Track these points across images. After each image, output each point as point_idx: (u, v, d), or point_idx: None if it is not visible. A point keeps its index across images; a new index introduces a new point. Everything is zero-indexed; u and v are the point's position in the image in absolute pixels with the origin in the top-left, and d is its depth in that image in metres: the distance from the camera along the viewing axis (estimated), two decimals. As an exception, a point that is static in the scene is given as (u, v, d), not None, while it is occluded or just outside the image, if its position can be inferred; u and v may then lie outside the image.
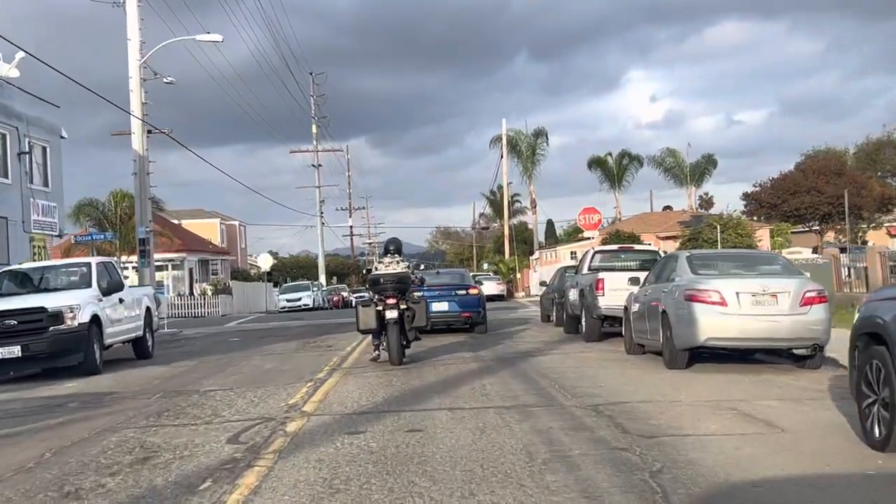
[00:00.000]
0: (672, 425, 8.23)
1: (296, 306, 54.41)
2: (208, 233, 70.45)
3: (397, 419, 9.07)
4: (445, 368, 13.93)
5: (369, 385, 12.13)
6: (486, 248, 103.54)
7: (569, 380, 11.81)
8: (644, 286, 14.69)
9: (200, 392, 12.38)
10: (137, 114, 32.22)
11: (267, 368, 15.49)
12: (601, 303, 17.40)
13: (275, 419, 9.49)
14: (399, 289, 14.41)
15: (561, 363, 14.16)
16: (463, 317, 21.49)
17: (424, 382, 12.22)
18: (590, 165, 76.87)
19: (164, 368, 16.59)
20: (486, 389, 11.16)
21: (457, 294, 21.76)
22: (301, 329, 28.91)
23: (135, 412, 10.71)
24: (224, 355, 19.06)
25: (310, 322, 33.82)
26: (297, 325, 31.87)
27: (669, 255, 14.41)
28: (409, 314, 14.35)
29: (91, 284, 16.95)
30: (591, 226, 33.10)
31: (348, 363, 15.49)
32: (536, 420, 8.74)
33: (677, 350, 12.51)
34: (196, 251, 60.81)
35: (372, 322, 14.36)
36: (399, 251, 15.06)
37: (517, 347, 17.60)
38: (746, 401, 9.61)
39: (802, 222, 43.69)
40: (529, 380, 12.07)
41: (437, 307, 19.80)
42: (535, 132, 75.01)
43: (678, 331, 12.38)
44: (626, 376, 12.23)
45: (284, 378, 13.55)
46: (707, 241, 55.97)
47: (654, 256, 19.45)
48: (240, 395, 11.80)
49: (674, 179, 75.28)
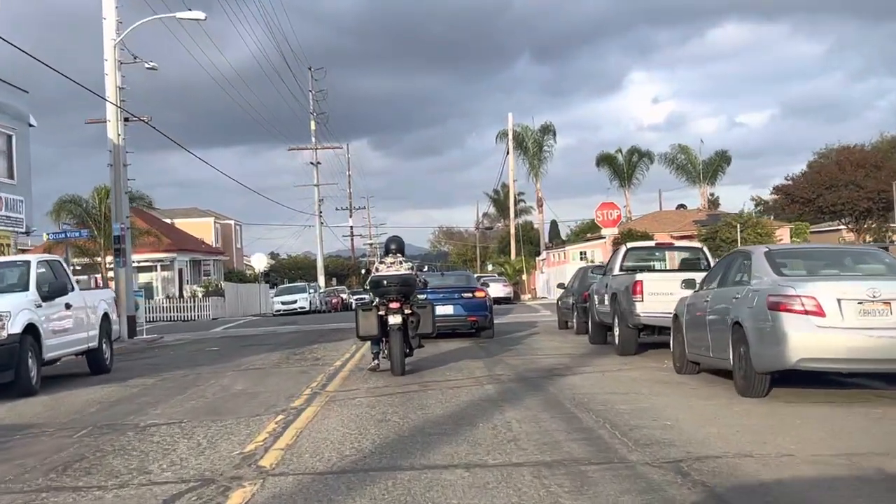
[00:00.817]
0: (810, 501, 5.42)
1: (291, 309, 51.54)
2: (202, 232, 67.56)
3: (392, 486, 6.23)
4: (454, 393, 11.09)
5: (357, 419, 9.28)
6: (490, 248, 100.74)
7: (620, 414, 8.96)
8: (702, 290, 11.84)
9: (140, 427, 9.54)
10: (113, 99, 29.34)
11: (235, 391, 12.64)
12: (639, 309, 14.55)
13: (216, 481, 6.65)
14: (403, 292, 13.19)
15: (600, 387, 11.30)
16: (469, 321, 20.28)
17: (429, 416, 9.37)
18: (598, 163, 74.05)
19: (115, 388, 13.75)
20: (511, 429, 8.31)
21: (462, 297, 20.58)
22: (290, 336, 26.07)
23: (37, 461, 7.87)
24: (192, 370, 16.22)
25: (302, 328, 31.00)
26: (287, 332, 29.04)
27: (737, 252, 11.53)
28: (413, 320, 13.16)
29: (28, 287, 14.11)
30: (610, 222, 30.19)
31: (335, 384, 12.65)
32: (596, 490, 5.89)
33: (757, 373, 9.67)
34: (187, 251, 57.91)
35: (373, 328, 13.13)
36: (401, 250, 13.79)
37: (539, 363, 14.75)
38: (889, 455, 6.77)
39: (838, 218, 40.75)
40: (567, 413, 9.21)
41: (442, 311, 18.14)
42: (541, 128, 72.15)
43: (759, 349, 9.53)
44: (695, 409, 9.36)
45: (252, 406, 10.71)
46: (725, 241, 53.14)
47: (698, 255, 16.63)
48: (187, 433, 8.96)
49: (686, 177, 72.47)
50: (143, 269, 54.37)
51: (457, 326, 20.15)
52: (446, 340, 19.80)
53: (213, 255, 63.82)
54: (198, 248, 60.72)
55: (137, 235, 46.40)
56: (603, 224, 30.57)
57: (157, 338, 29.00)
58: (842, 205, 37.50)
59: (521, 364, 14.50)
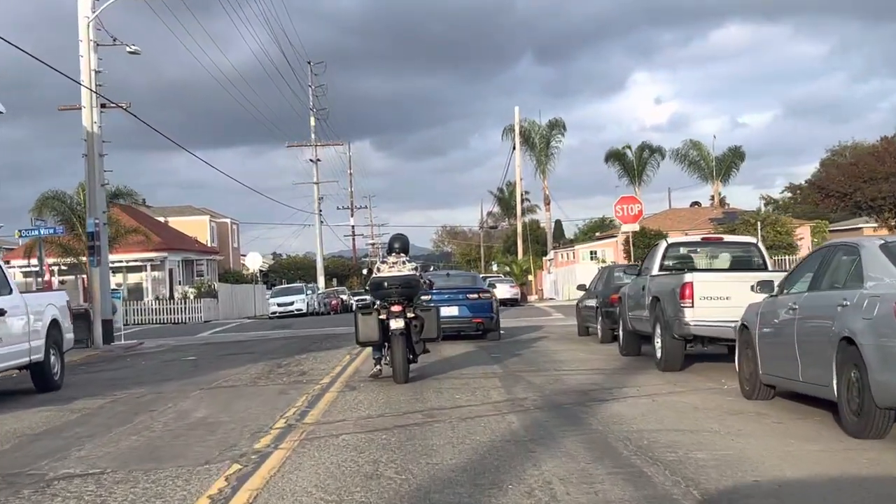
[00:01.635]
0: None
1: (288, 311, 49.05)
2: (197, 231, 65.07)
3: None
4: (468, 427, 8.59)
5: (338, 474, 6.77)
6: (495, 248, 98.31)
7: (702, 468, 6.44)
8: (782, 294, 9.33)
9: (45, 481, 7.04)
10: (88, 83, 26.83)
11: (192, 420, 10.13)
12: (689, 317, 12.04)
13: None
14: (406, 294, 12.38)
15: (657, 420, 8.77)
16: (474, 322, 19.72)
17: (436, 468, 6.85)
18: (607, 159, 71.55)
19: (51, 413, 11.26)
20: (556, 496, 5.80)
21: (468, 298, 19.96)
22: (280, 343, 23.58)
23: None
24: (154, 388, 13.72)
25: (296, 332, 28.52)
26: (277, 337, 26.55)
27: (834, 246, 8.94)
28: (416, 324, 12.30)
29: (-52, 290, 11.65)
30: (631, 218, 27.57)
31: (317, 411, 10.15)
32: None
33: (878, 408, 7.16)
34: (179, 250, 55.34)
35: (374, 333, 12.33)
36: (405, 250, 12.92)
37: (566, 381, 12.24)
38: None
39: (876, 213, 38.14)
40: (627, 466, 6.69)
41: (447, 312, 17.74)
42: (549, 124, 69.59)
43: (883, 374, 7.02)
44: (801, 459, 6.82)
45: (204, 448, 8.20)
46: (743, 240, 50.68)
47: (751, 251, 14.14)
48: (100, 496, 6.46)
49: (698, 174, 70.02)
50: (133, 269, 51.99)
51: (462, 328, 19.55)
52: (451, 344, 18.34)
53: (207, 254, 61.28)
54: (191, 248, 58.20)
55: (124, 234, 44.06)
56: (623, 220, 27.96)
57: (136, 344, 26.50)
58: (882, 199, 34.98)
59: (545, 383, 12.00)
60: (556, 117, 71.20)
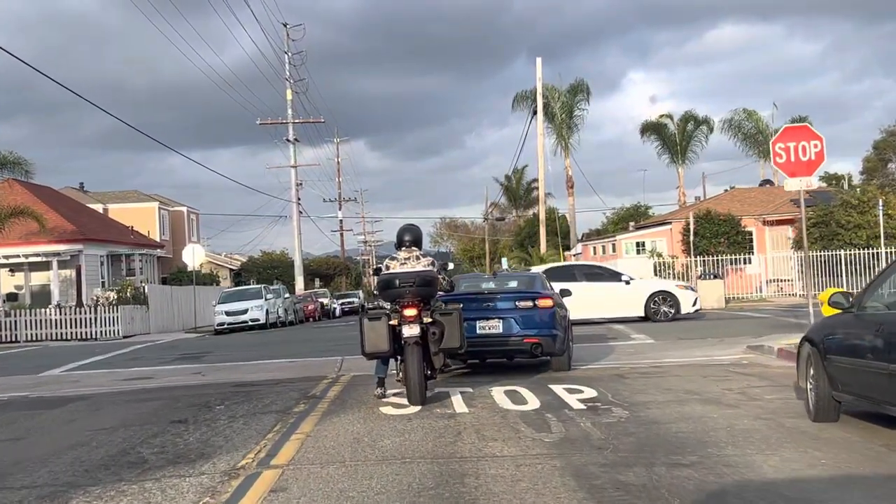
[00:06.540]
0: None
1: (239, 322, 36.60)
2: (140, 220, 52.63)
3: None
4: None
5: None
6: (502, 242, 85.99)
7: None
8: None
9: None
10: None
11: None
12: None
13: None
14: (421, 294, 10.29)
15: None
16: (526, 342, 12.97)
17: None
18: (643, 132, 59.38)
19: None
20: None
21: (517, 306, 13.05)
22: (149, 407, 11.21)
23: None
24: None
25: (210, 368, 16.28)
26: (188, 384, 14.17)
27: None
28: (435, 331, 10.25)
29: None
30: (803, 166, 14.97)
31: None
32: None
33: None
34: (103, 241, 42.70)
35: (383, 343, 10.18)
36: (418, 243, 10.76)
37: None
38: None
39: None
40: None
41: (485, 327, 12.69)
42: (571, 88, 56.94)
43: None
44: None
45: None
46: (844, 228, 38.37)
47: None
48: None
49: (755, 148, 57.78)
50: (36, 267, 39.59)
51: (510, 351, 13.34)
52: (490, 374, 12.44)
53: (146, 247, 48.65)
54: (123, 240, 45.60)
55: (4, 217, 31.81)
56: (789, 170, 15.15)
57: None
58: None
59: None
60: (580, 79, 58.59)
